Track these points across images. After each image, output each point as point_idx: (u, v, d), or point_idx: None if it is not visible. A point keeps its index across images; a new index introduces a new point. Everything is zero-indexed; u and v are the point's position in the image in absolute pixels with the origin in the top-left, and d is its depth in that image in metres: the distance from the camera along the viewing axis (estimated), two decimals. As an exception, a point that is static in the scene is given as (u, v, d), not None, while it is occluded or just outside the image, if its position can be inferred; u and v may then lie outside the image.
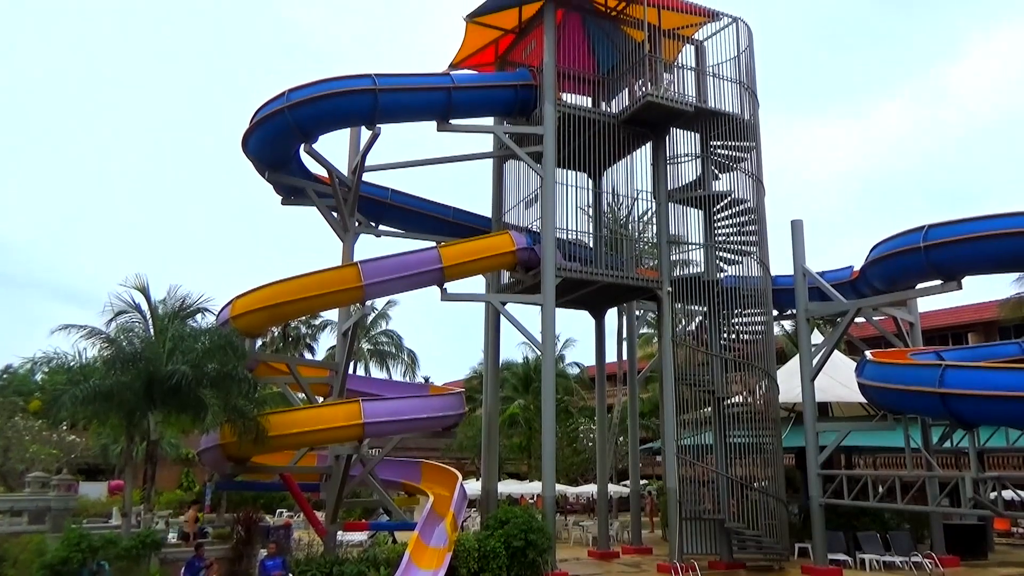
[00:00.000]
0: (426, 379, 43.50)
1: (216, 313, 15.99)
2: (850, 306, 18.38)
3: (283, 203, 19.50)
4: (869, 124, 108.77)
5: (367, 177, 18.71)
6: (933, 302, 32.39)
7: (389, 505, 17.67)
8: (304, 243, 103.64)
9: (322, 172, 18.22)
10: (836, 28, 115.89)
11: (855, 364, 18.24)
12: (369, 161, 17.89)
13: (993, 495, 15.68)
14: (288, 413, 15.40)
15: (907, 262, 16.33)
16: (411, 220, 20.55)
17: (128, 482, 14.74)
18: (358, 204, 18.59)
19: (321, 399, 18.07)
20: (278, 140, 17.22)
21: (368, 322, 39.46)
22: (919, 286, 17.29)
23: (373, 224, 20.26)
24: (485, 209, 21.23)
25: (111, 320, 14.32)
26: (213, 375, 13.61)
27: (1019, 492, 17.25)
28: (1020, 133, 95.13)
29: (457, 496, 16.18)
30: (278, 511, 31.21)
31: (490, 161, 21.10)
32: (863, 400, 18.14)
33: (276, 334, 38.64)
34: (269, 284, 15.59)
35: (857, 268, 19.27)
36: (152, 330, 14.68)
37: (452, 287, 16.88)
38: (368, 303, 18.47)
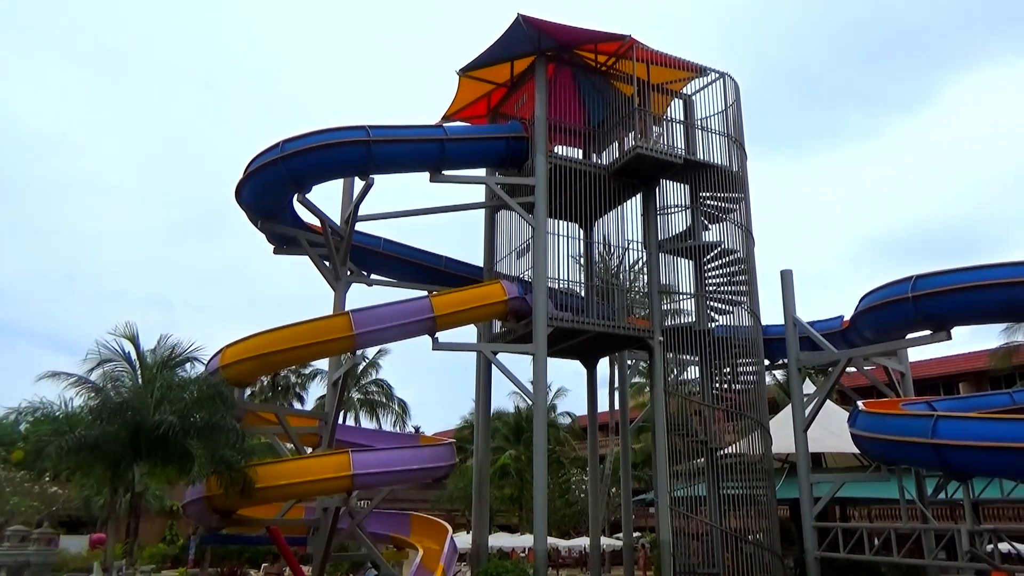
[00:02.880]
0: (417, 429, 43.08)
1: (206, 362, 15.87)
2: (841, 356, 18.39)
3: (275, 252, 19.56)
4: (857, 176, 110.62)
5: (360, 226, 18.83)
6: (924, 352, 32.49)
7: (377, 559, 17.30)
8: (296, 292, 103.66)
9: (315, 221, 18.32)
10: (821, 84, 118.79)
11: (847, 414, 18.18)
12: (362, 211, 18.03)
13: (990, 548, 15.50)
14: (276, 464, 15.18)
15: (896, 312, 16.40)
16: (403, 269, 20.61)
17: (110, 535, 14.45)
18: (350, 253, 18.67)
19: (310, 449, 17.84)
20: (272, 190, 17.35)
21: (359, 371, 39.21)
22: (909, 336, 17.35)
23: (365, 273, 20.29)
24: (477, 258, 21.35)
25: (94, 368, 14.21)
26: (201, 425, 13.45)
27: (1015, 545, 17.06)
28: (1003, 180, 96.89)
29: (447, 550, 15.90)
30: (263, 565, 30.49)
31: (482, 211, 21.29)
32: (856, 451, 18.02)
33: (265, 383, 38.32)
34: (259, 333, 15.52)
35: (847, 318, 19.34)
36: (140, 379, 14.54)
37: (443, 336, 16.84)
38: (359, 352, 18.33)
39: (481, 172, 20.25)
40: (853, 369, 19.33)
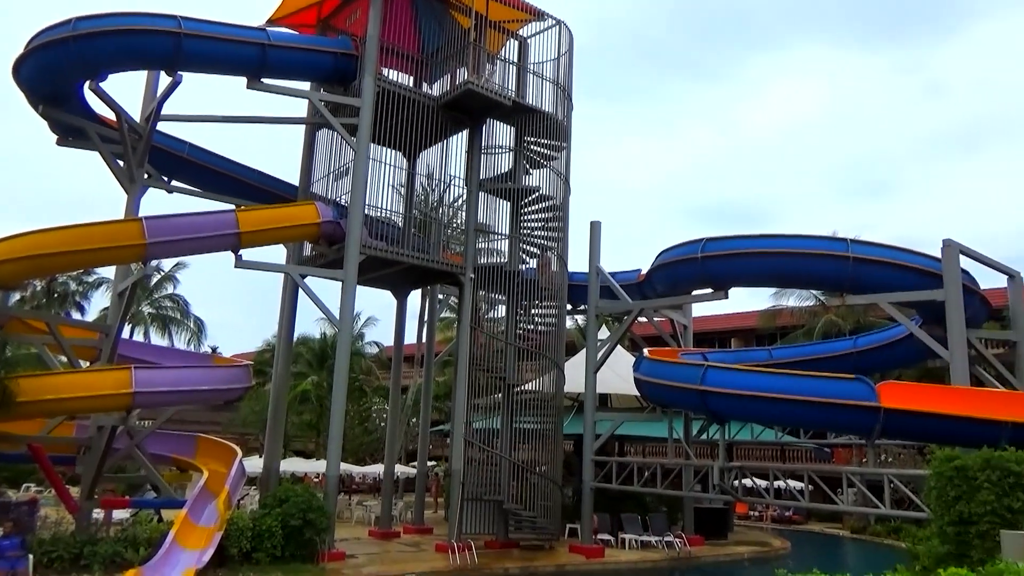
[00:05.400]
0: (213, 349, 41.06)
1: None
2: (634, 306, 19.87)
3: (58, 143, 17.50)
4: (676, 143, 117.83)
5: (163, 127, 17.27)
6: (705, 308, 35.84)
7: (157, 481, 16.46)
8: (85, 192, 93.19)
9: (109, 115, 16.52)
10: (654, 53, 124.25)
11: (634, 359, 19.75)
12: (166, 110, 16.52)
13: (736, 483, 17.75)
14: (44, 377, 13.86)
15: (685, 270, 17.89)
16: (210, 179, 19.25)
17: None
18: (149, 155, 17.10)
19: (87, 364, 16.45)
20: (57, 72, 15.43)
21: (151, 284, 36.48)
22: (694, 292, 19.04)
23: (165, 179, 18.73)
24: (293, 177, 20.39)
25: None
26: (-49, 329, 11.90)
27: (756, 480, 19.68)
28: (800, 159, 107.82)
29: (234, 473, 15.46)
30: (24, 485, 28.00)
31: (302, 127, 20.28)
32: (638, 393, 19.70)
33: (39, 288, 34.50)
34: (32, 232, 13.85)
35: (644, 271, 20.82)
36: None
37: (249, 255, 16.05)
38: (152, 263, 16.98)
39: (304, 86, 19.21)
40: (645, 319, 20.96)
